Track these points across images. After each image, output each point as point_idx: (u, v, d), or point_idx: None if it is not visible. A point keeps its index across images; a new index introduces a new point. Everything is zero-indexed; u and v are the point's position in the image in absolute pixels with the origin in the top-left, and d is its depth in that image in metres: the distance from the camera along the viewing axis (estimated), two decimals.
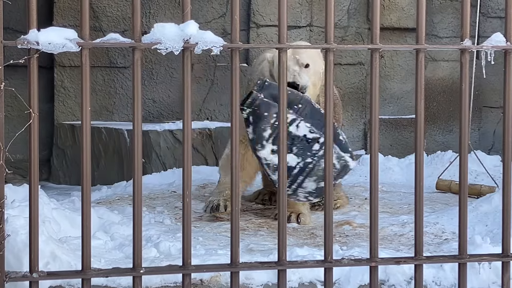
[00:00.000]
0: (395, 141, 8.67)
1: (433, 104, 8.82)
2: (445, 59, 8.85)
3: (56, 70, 8.18)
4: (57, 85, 8.22)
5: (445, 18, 8.80)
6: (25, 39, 3.44)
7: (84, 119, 3.56)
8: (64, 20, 7.92)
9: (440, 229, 5.82)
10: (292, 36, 8.24)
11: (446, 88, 8.94)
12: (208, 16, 8.23)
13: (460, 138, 3.85)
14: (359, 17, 8.62)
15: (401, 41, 8.60)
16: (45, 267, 4.49)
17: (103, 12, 8.04)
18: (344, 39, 8.44)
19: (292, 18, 8.29)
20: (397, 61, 8.74)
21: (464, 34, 3.82)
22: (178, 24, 3.63)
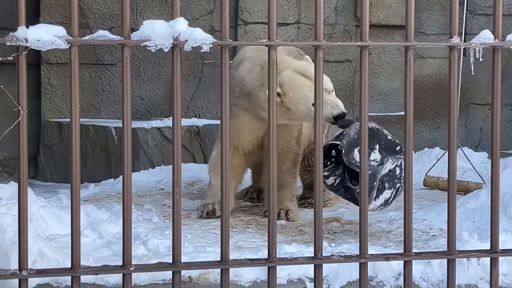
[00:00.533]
0: None
1: (420, 101, 8.85)
2: (432, 56, 8.89)
3: (43, 67, 8.17)
4: (44, 82, 8.20)
5: (432, 15, 8.84)
6: (13, 36, 3.43)
7: (74, 117, 3.55)
8: (51, 17, 7.90)
9: (428, 226, 5.84)
10: (280, 33, 8.25)
11: (434, 85, 8.98)
12: (196, 13, 8.24)
13: (449, 135, 3.86)
14: (346, 14, 8.64)
15: (388, 38, 8.63)
16: (33, 264, 4.48)
17: (90, 9, 8.03)
18: (331, 36, 8.46)
19: (279, 15, 8.28)
20: (384, 58, 8.77)
21: (453, 32, 3.84)
22: (167, 21, 3.62)
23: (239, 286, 4.66)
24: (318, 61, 3.73)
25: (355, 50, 8.33)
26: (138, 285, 4.59)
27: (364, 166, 3.80)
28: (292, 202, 6.12)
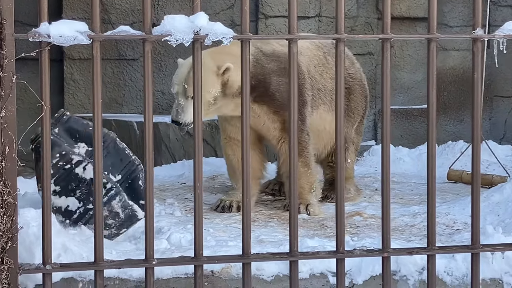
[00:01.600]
0: (405, 132, 8.66)
1: (443, 94, 8.79)
2: (455, 48, 8.83)
3: (66, 63, 8.19)
4: (67, 78, 8.23)
5: (455, 7, 8.77)
6: (36, 32, 3.46)
7: (96, 112, 3.57)
8: (73, 13, 7.93)
9: (452, 220, 5.81)
10: (301, 27, 8.23)
11: (457, 77, 8.91)
12: (217, 7, 8.23)
13: (472, 127, 3.85)
14: (368, 7, 8.60)
15: (411, 30, 8.58)
16: (57, 259, 4.51)
17: (112, 5, 8.05)
18: (353, 29, 8.42)
19: (300, 8, 8.26)
20: (407, 51, 8.72)
21: (476, 23, 3.82)
22: (187, 16, 3.64)
23: (261, 280, 4.66)
24: (339, 54, 3.73)
25: (376, 43, 8.28)
26: (161, 279, 4.60)
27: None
28: (311, 193, 6.08)
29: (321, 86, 6.21)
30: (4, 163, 3.41)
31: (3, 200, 3.40)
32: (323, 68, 6.26)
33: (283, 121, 5.90)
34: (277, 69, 5.89)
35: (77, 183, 5.05)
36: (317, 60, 6.25)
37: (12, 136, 3.43)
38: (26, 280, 4.40)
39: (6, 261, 3.44)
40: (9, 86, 3.40)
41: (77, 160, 5.06)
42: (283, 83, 5.84)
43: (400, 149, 8.14)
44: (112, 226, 5.10)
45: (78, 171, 5.06)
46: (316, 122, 6.20)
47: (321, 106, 6.22)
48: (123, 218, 5.12)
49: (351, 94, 6.48)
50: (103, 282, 3.65)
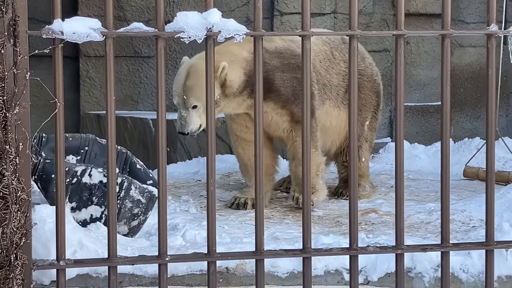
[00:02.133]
0: (421, 128, 8.62)
1: (460, 90, 8.75)
2: (472, 44, 8.78)
3: (82, 60, 8.22)
4: (83, 75, 8.26)
5: (471, 3, 8.72)
6: (49, 29, 3.48)
7: (109, 108, 3.59)
8: (89, 10, 7.95)
9: (468, 217, 5.79)
10: (317, 23, 8.21)
11: (473, 74, 8.86)
12: (232, 5, 8.23)
13: (487, 124, 3.83)
14: (384, 3, 8.56)
15: (427, 27, 8.53)
16: (73, 255, 4.54)
17: (127, 2, 8.06)
18: (369, 25, 8.39)
19: (316, 5, 8.25)
20: (423, 47, 8.67)
21: (490, 19, 3.80)
22: (201, 13, 3.64)
23: (276, 277, 4.67)
24: (353, 50, 3.72)
25: (392, 39, 8.20)
26: (176, 275, 4.63)
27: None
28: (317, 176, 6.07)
29: (327, 82, 6.21)
30: (18, 159, 3.43)
31: (17, 196, 3.42)
32: (329, 63, 6.26)
33: (291, 113, 5.94)
34: (280, 65, 5.90)
35: (89, 192, 5.13)
36: (323, 55, 6.25)
37: (25, 132, 3.44)
38: (42, 276, 4.43)
39: (20, 257, 3.46)
40: (22, 83, 3.42)
41: (81, 170, 5.14)
42: (287, 78, 5.88)
43: (416, 146, 8.11)
44: (139, 214, 5.20)
45: (85, 180, 5.13)
46: (323, 118, 6.20)
47: (327, 101, 6.20)
48: (145, 203, 5.21)
49: (359, 91, 6.32)
50: (116, 278, 3.67)
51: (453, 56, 8.66)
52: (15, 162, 3.42)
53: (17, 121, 3.43)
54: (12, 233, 3.42)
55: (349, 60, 3.74)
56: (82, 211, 5.15)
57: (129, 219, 5.17)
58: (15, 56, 3.41)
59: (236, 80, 5.75)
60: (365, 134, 6.56)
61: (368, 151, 6.68)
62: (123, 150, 5.53)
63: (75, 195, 5.10)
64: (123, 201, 5.14)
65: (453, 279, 4.62)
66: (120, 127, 8.08)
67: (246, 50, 5.70)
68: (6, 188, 3.41)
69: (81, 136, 5.59)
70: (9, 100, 3.40)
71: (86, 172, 5.13)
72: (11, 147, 3.41)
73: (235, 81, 5.71)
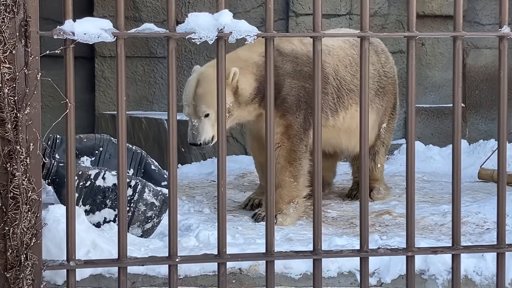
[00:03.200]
0: (436, 130, 8.58)
1: (475, 92, 8.71)
2: (487, 46, 8.73)
3: (97, 60, 8.25)
4: (98, 75, 8.29)
5: (487, 5, 8.67)
6: (61, 30, 3.48)
7: (120, 108, 3.59)
8: (104, 11, 7.98)
9: (482, 219, 5.77)
10: (332, 25, 8.20)
11: (489, 76, 8.81)
12: (247, 6, 8.22)
13: (498, 125, 3.81)
14: (399, 4, 8.53)
15: (442, 28, 8.49)
16: (86, 255, 4.56)
17: (143, 2, 8.08)
18: (384, 27, 8.37)
19: (331, 6, 8.24)
20: (438, 49, 8.64)
21: (503, 21, 3.77)
22: (212, 14, 3.64)
23: (289, 278, 4.67)
24: (364, 51, 3.70)
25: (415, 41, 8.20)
26: (189, 276, 4.63)
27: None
28: (289, 204, 5.74)
29: (353, 87, 6.03)
30: (29, 159, 3.43)
31: (28, 196, 3.42)
32: (357, 68, 6.03)
33: (286, 125, 5.69)
34: (292, 71, 5.68)
35: (103, 195, 5.14)
36: (350, 60, 6.09)
37: (36, 133, 3.44)
38: (55, 276, 4.45)
39: (31, 257, 3.46)
40: (34, 83, 3.42)
41: (95, 173, 5.15)
42: (296, 87, 5.67)
43: (431, 147, 8.09)
44: (153, 217, 5.20)
45: (99, 183, 5.14)
46: (348, 122, 6.06)
47: (353, 105, 6.03)
48: (159, 205, 5.21)
49: (385, 94, 6.39)
50: (126, 279, 3.66)
51: (468, 58, 8.62)
52: (25, 162, 3.42)
53: (28, 122, 3.43)
54: (22, 233, 3.42)
55: (360, 61, 3.72)
56: (95, 214, 5.17)
57: (143, 222, 5.18)
58: (26, 56, 3.41)
59: (247, 88, 5.56)
60: (382, 137, 6.49)
61: (384, 156, 6.60)
62: (138, 151, 5.53)
63: (89, 198, 5.11)
64: (137, 204, 5.15)
65: (467, 281, 4.60)
66: (135, 127, 8.10)
67: (257, 54, 5.55)
68: (17, 188, 3.41)
69: (95, 136, 5.58)
70: (20, 101, 3.40)
71: (100, 175, 5.14)
72: (22, 147, 3.41)
73: (245, 88, 5.54)
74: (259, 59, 5.54)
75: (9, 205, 3.44)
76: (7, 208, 3.44)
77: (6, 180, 3.43)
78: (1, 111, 3.39)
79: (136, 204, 5.14)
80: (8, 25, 3.37)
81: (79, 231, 4.61)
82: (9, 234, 3.43)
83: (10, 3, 3.35)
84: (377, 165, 6.46)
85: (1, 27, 3.34)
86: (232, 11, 8.19)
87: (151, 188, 5.19)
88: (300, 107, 5.67)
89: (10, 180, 3.43)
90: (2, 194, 3.43)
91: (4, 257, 3.45)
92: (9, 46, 3.38)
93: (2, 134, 3.41)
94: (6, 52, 3.38)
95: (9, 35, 3.38)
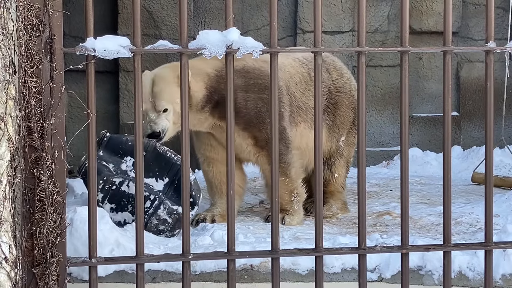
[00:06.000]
0: (433, 137, 8.54)
1: (469, 102, 8.66)
2: (480, 60, 8.69)
3: (121, 74, 8.25)
4: (122, 88, 8.28)
5: (480, 22, 8.63)
6: (83, 47, 3.51)
7: (137, 119, 3.60)
8: (128, 29, 7.98)
9: (475, 219, 5.76)
10: (336, 41, 8.19)
11: (481, 87, 8.75)
12: (258, 23, 8.21)
13: (485, 132, 3.80)
14: (398, 22, 8.50)
15: (438, 44, 8.43)
16: (110, 253, 4.59)
17: (162, 21, 8.09)
18: (384, 42, 8.34)
19: (335, 24, 8.22)
20: (434, 62, 8.60)
21: (489, 37, 3.77)
22: (221, 31, 3.66)
23: (297, 274, 4.69)
24: (361, 66, 3.70)
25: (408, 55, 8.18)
26: (205, 272, 4.66)
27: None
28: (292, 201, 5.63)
29: (301, 104, 5.75)
30: (54, 165, 3.45)
31: (53, 199, 3.45)
32: (306, 85, 5.80)
33: (253, 137, 5.52)
34: (244, 85, 5.47)
35: (127, 199, 5.18)
36: (300, 78, 5.80)
37: (61, 141, 3.47)
38: (82, 272, 4.48)
39: (56, 255, 3.48)
40: (58, 96, 3.45)
41: (119, 181, 5.18)
42: (251, 99, 5.47)
43: (428, 153, 8.05)
44: (164, 230, 5.22)
45: (124, 189, 5.19)
46: (297, 140, 5.74)
47: (302, 123, 5.76)
48: (171, 223, 5.21)
49: (337, 109, 6.00)
50: (143, 275, 3.68)
51: (462, 71, 8.59)
52: (51, 168, 3.45)
53: (53, 131, 3.46)
54: (48, 232, 3.44)
55: (358, 75, 3.72)
56: (118, 214, 5.20)
57: (155, 233, 5.21)
58: (51, 71, 3.44)
59: (198, 93, 5.40)
60: (340, 150, 6.08)
61: (343, 167, 6.17)
62: (178, 162, 5.37)
63: (115, 198, 5.13)
64: (150, 217, 5.18)
65: (461, 277, 4.61)
66: None
67: (210, 66, 5.41)
68: (43, 192, 3.44)
69: None
70: (46, 112, 3.43)
71: (124, 183, 5.20)
72: (48, 154, 3.44)
73: (197, 92, 5.37)
74: (211, 71, 5.43)
75: (36, 207, 3.46)
76: (34, 210, 3.46)
77: (33, 184, 3.46)
78: (28, 121, 3.43)
79: (150, 217, 5.17)
80: (34, 42, 3.40)
81: (104, 231, 4.67)
82: (36, 233, 3.46)
83: (36, 22, 3.39)
84: (334, 175, 6.10)
85: (28, 44, 3.38)
86: (245, 28, 8.25)
87: (167, 206, 5.19)
88: (261, 117, 5.47)
89: (37, 184, 3.46)
90: (29, 197, 3.46)
91: (32, 254, 3.48)
92: (36, 61, 3.41)
93: (30, 142, 3.44)
94: (33, 67, 3.41)
95: (35, 51, 3.41)
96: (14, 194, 3.33)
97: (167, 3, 8.09)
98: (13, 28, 3.30)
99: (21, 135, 3.38)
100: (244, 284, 4.58)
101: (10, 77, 3.28)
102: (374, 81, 8.34)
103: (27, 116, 3.41)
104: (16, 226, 3.33)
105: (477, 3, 8.57)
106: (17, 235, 3.34)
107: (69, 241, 3.80)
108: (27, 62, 3.38)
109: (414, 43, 3.52)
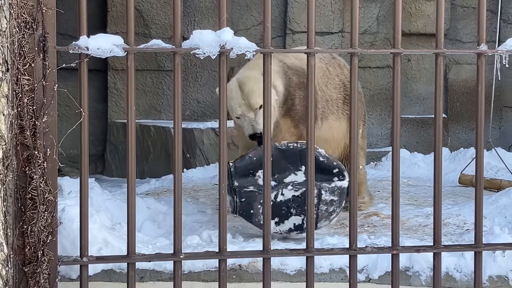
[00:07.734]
0: (421, 139, 8.59)
1: (456, 104, 8.73)
2: (468, 62, 8.75)
3: (110, 73, 8.25)
4: (110, 86, 8.29)
5: (468, 24, 8.70)
6: (76, 45, 3.49)
7: (130, 118, 3.60)
8: (117, 28, 7.98)
9: (462, 221, 5.78)
10: (326, 41, 8.21)
11: (469, 89, 8.83)
12: (248, 23, 8.23)
13: (476, 135, 3.81)
14: (387, 23, 8.55)
15: (427, 45, 8.51)
16: (98, 252, 4.57)
17: (152, 20, 8.09)
18: (373, 44, 8.39)
19: (325, 25, 8.25)
20: (423, 64, 8.66)
21: (481, 39, 3.78)
22: (214, 31, 3.65)
23: (285, 274, 4.68)
24: (354, 67, 3.71)
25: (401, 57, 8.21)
26: (193, 271, 4.64)
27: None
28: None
29: (328, 97, 5.96)
30: (46, 164, 3.44)
31: (45, 197, 3.43)
32: (327, 79, 6.02)
33: (299, 134, 5.60)
34: (298, 82, 5.61)
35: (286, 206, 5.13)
36: (322, 72, 6.01)
37: (53, 139, 3.46)
38: (70, 271, 4.46)
39: (47, 253, 3.47)
40: (51, 94, 3.44)
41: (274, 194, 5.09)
42: (302, 98, 5.59)
43: (416, 155, 8.09)
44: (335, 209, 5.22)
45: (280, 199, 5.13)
46: (325, 132, 5.91)
47: (330, 116, 5.96)
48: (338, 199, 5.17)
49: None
50: (135, 274, 3.67)
51: (451, 73, 8.64)
52: (43, 166, 3.44)
53: (45, 129, 3.44)
54: (39, 231, 3.43)
55: (350, 76, 3.72)
56: (285, 223, 5.16)
57: (328, 216, 5.21)
58: (44, 69, 3.42)
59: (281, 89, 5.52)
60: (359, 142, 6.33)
61: (363, 158, 6.47)
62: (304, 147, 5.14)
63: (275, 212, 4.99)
64: (318, 206, 5.15)
65: (448, 278, 4.62)
66: (144, 134, 8.10)
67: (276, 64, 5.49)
68: (35, 190, 3.42)
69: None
70: (38, 110, 3.42)
71: (279, 193, 5.14)
72: (40, 153, 3.42)
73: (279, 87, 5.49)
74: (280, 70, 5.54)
75: (27, 206, 3.45)
76: (25, 208, 3.45)
77: (25, 182, 3.44)
78: (21, 119, 3.41)
79: (317, 206, 5.13)
80: (27, 40, 3.39)
81: (92, 230, 4.63)
82: (27, 232, 3.44)
83: (29, 20, 3.37)
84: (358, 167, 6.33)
85: (21, 42, 3.36)
86: (234, 28, 8.24)
87: (326, 188, 5.16)
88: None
89: (28, 182, 3.44)
90: (21, 195, 3.44)
91: (23, 253, 3.46)
92: (29, 59, 3.40)
93: (22, 140, 3.43)
94: (26, 65, 3.40)
95: (28, 49, 3.40)
96: (6, 192, 3.31)
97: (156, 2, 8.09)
98: (6, 25, 3.28)
99: (13, 133, 3.36)
100: (233, 284, 4.58)
101: (3, 75, 3.27)
102: (362, 83, 8.38)
103: (19, 114, 3.40)
104: (7, 225, 3.31)
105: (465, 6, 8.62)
106: (9, 233, 3.33)
107: None
108: (20, 60, 3.37)
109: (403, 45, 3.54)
